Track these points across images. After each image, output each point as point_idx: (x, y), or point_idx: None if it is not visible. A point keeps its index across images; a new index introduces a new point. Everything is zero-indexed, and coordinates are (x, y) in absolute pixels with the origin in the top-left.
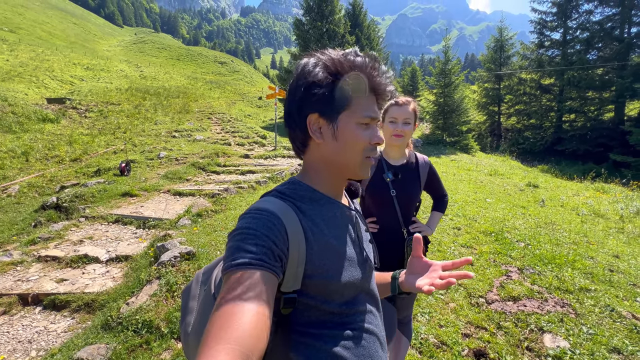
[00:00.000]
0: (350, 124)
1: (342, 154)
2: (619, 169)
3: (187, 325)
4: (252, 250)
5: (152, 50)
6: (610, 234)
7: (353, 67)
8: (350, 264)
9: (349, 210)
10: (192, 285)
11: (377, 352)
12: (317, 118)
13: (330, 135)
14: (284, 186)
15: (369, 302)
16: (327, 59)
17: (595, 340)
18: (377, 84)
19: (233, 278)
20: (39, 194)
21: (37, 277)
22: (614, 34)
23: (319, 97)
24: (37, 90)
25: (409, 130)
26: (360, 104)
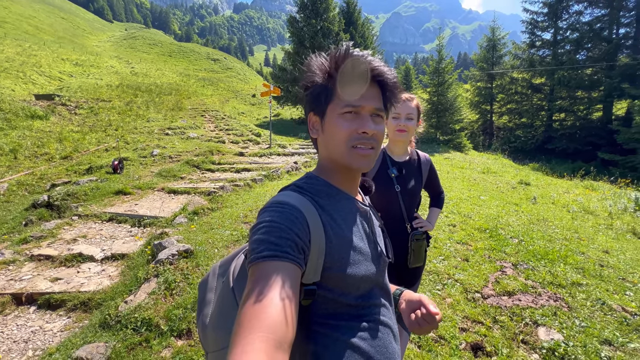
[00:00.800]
0: (333, 115)
1: (329, 146)
2: (607, 167)
3: (205, 317)
4: (276, 242)
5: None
6: (599, 230)
7: (327, 59)
8: (366, 259)
9: (364, 206)
10: (209, 278)
11: (392, 343)
12: (313, 116)
13: (320, 129)
14: (302, 181)
15: (383, 296)
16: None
17: (587, 332)
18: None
19: (260, 270)
20: (29, 192)
21: (31, 276)
22: (602, 34)
23: (310, 96)
24: (24, 86)
25: (412, 126)
26: (342, 94)
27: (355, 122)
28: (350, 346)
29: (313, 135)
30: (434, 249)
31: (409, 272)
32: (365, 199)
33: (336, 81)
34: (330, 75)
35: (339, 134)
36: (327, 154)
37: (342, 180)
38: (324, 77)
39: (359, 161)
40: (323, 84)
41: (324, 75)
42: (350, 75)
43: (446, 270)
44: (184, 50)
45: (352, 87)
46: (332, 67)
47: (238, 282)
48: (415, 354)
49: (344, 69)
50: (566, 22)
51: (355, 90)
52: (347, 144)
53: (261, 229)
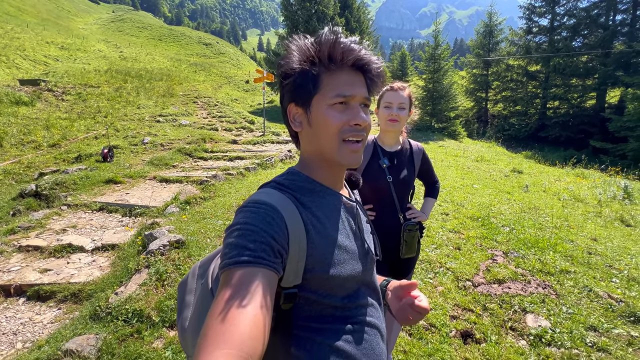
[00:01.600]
0: (321, 107)
1: (318, 140)
2: (598, 155)
3: (184, 320)
4: (250, 247)
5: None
6: (589, 218)
7: (314, 44)
8: (351, 257)
9: (350, 202)
10: (189, 279)
11: (378, 345)
12: (294, 107)
13: (306, 122)
14: (283, 177)
15: (370, 295)
16: (294, 47)
17: (574, 319)
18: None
19: (231, 277)
20: (15, 181)
21: (19, 267)
22: (599, 20)
23: (290, 86)
24: (7, 71)
25: (404, 116)
26: (331, 84)
27: (346, 114)
28: (334, 350)
29: (295, 128)
30: (426, 238)
31: (402, 263)
32: (353, 193)
33: (324, 69)
34: (316, 62)
35: (329, 126)
36: (314, 149)
37: (326, 176)
38: (309, 65)
39: (349, 157)
40: (308, 72)
41: (309, 62)
42: (341, 63)
43: (438, 259)
44: (174, 34)
45: (341, 76)
46: (321, 53)
47: (217, 283)
48: (406, 341)
49: (335, 56)
50: (564, 7)
51: (346, 79)
52: (338, 137)
53: (234, 232)
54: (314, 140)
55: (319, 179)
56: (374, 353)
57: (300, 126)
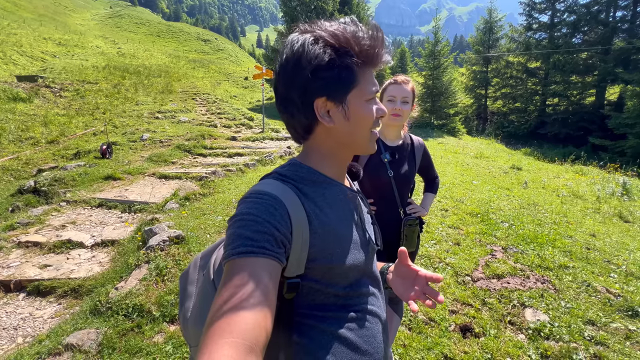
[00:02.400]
0: (360, 102)
1: (354, 134)
2: (597, 152)
3: (187, 311)
4: (253, 237)
5: (130, 26)
6: (587, 214)
7: (356, 41)
8: (354, 247)
9: (351, 192)
10: (190, 270)
11: (380, 333)
12: (325, 101)
13: (341, 117)
14: (285, 168)
15: (372, 284)
16: (328, 36)
17: (572, 313)
18: (380, 57)
19: (234, 267)
20: (14, 177)
21: (19, 263)
22: (599, 17)
23: (327, 80)
24: (5, 67)
25: (407, 110)
26: (365, 79)
27: (375, 107)
28: (337, 337)
29: (327, 123)
30: (426, 233)
31: None
32: (354, 184)
33: (361, 65)
34: (354, 56)
35: (368, 120)
36: (343, 142)
37: (330, 167)
38: (348, 58)
39: (374, 145)
40: (351, 66)
41: (346, 55)
42: (377, 62)
43: (438, 254)
44: (173, 30)
45: (371, 71)
46: (367, 51)
47: (218, 274)
48: (405, 335)
49: (377, 59)
50: (564, 4)
51: (372, 74)
52: (370, 129)
53: (237, 222)
54: (348, 135)
55: (322, 170)
56: (375, 341)
57: (332, 121)
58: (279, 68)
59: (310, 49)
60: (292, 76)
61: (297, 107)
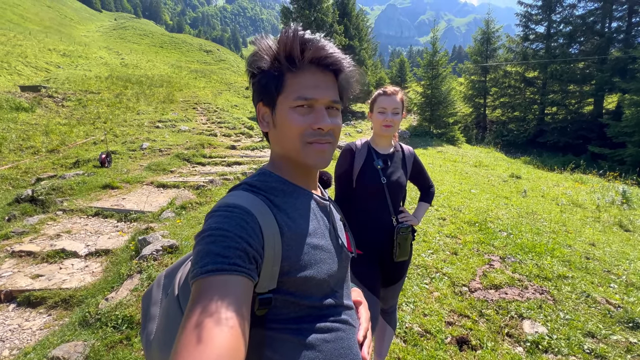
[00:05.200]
0: (284, 109)
1: (281, 141)
2: (596, 160)
3: (149, 334)
4: (223, 253)
5: (134, 37)
6: (587, 222)
7: (278, 45)
8: (328, 257)
9: (323, 200)
10: (153, 290)
11: (356, 344)
12: (262, 106)
13: (271, 123)
14: (254, 178)
15: (346, 293)
16: (259, 45)
17: (571, 325)
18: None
19: (203, 287)
20: (12, 186)
21: (11, 273)
22: (595, 28)
23: (256, 85)
24: (9, 77)
25: (398, 120)
26: (293, 85)
27: (310, 117)
28: (311, 350)
29: (263, 128)
30: (423, 243)
31: (395, 266)
32: (325, 192)
33: (285, 69)
34: (278, 61)
35: (291, 129)
36: (280, 149)
37: (298, 176)
38: (272, 63)
39: (315, 158)
40: (271, 72)
41: (272, 61)
42: (302, 62)
43: (434, 264)
44: (175, 41)
45: (305, 76)
46: (281, 52)
47: (184, 289)
48: (400, 348)
49: (294, 55)
50: (560, 15)
51: (308, 80)
52: (300, 140)
53: (206, 238)
54: (279, 141)
55: (291, 178)
56: (351, 352)
57: (268, 126)
58: None
59: (250, 59)
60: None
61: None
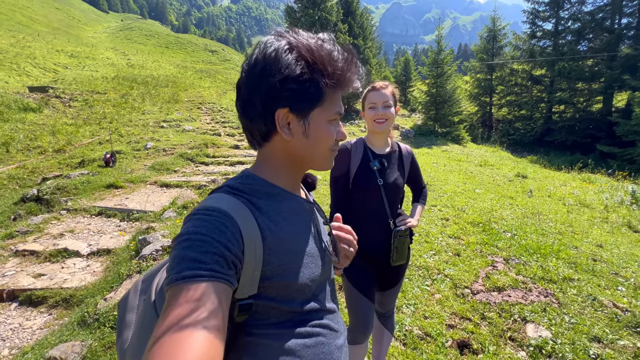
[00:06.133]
0: (322, 121)
1: (311, 151)
2: (605, 159)
3: (124, 342)
4: (200, 258)
5: (140, 38)
6: (595, 223)
7: (331, 61)
8: (311, 261)
9: (308, 204)
10: (130, 296)
11: (337, 349)
12: (287, 113)
13: (300, 132)
14: (237, 180)
15: (329, 298)
16: (303, 48)
17: (576, 329)
18: (351, 82)
19: (179, 294)
20: (19, 185)
21: (14, 272)
22: (604, 24)
23: (294, 92)
24: (18, 79)
25: (391, 114)
26: (331, 100)
27: (335, 129)
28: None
29: (285, 135)
30: (425, 244)
31: (391, 270)
32: (310, 195)
33: (331, 85)
34: (325, 74)
35: (326, 141)
36: (298, 157)
37: (287, 179)
38: (319, 75)
39: (331, 163)
40: (319, 84)
41: (317, 71)
42: (347, 86)
43: (436, 265)
44: (181, 41)
45: (337, 93)
46: (337, 72)
47: (161, 295)
48: (399, 351)
49: (347, 82)
50: (568, 12)
51: (339, 96)
52: (329, 150)
53: (183, 242)
54: (305, 150)
55: (276, 182)
56: (331, 357)
57: (291, 134)
58: (246, 69)
59: (283, 57)
60: (258, 81)
61: (257, 113)
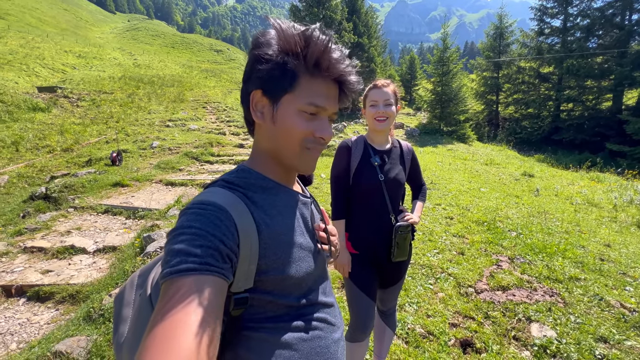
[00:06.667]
0: (290, 109)
1: (278, 140)
2: (614, 158)
3: (120, 337)
4: (195, 252)
5: (146, 38)
6: (603, 223)
7: (306, 43)
8: (306, 255)
9: (304, 198)
10: (126, 290)
11: (334, 343)
12: (261, 96)
13: (270, 117)
14: (232, 175)
15: (324, 292)
16: (283, 32)
17: (582, 329)
18: (329, 67)
19: (173, 287)
20: (28, 184)
21: (22, 268)
22: (614, 21)
23: (264, 72)
24: (27, 79)
25: (392, 112)
26: (308, 88)
27: (313, 124)
28: (287, 349)
29: (256, 119)
30: (429, 242)
31: (392, 267)
32: (306, 190)
33: (306, 71)
34: (301, 59)
35: (294, 132)
36: (271, 146)
37: (280, 173)
38: (291, 58)
39: (308, 164)
40: (289, 68)
41: (291, 54)
42: (327, 71)
43: (440, 264)
44: (186, 41)
45: (318, 83)
46: (308, 54)
47: (156, 289)
48: (401, 350)
49: (322, 65)
50: (577, 8)
51: (321, 88)
52: (300, 145)
53: (177, 236)
54: (273, 139)
55: (272, 176)
56: (328, 351)
57: (262, 118)
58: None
59: (261, 39)
60: (246, 66)
61: (243, 96)
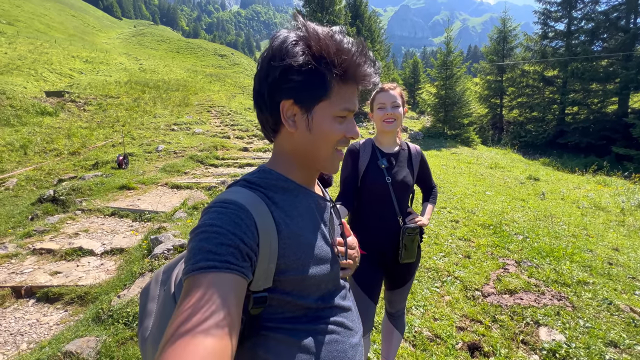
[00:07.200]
0: (326, 116)
1: (314, 146)
2: (621, 161)
3: (145, 330)
4: (215, 250)
5: (152, 43)
6: (610, 226)
7: (339, 51)
8: (325, 258)
9: (324, 201)
10: (151, 286)
11: (351, 348)
12: (292, 105)
13: (304, 125)
14: (254, 175)
15: (343, 295)
16: (310, 38)
17: (591, 333)
18: (363, 74)
19: (194, 284)
20: (36, 187)
21: (31, 269)
22: (619, 24)
23: (297, 83)
24: (35, 84)
25: (399, 114)
26: (340, 94)
27: (344, 126)
28: (306, 351)
29: (289, 127)
30: (434, 245)
31: (400, 269)
32: (326, 192)
33: (339, 79)
34: (337, 67)
35: (331, 137)
36: (303, 151)
37: (302, 175)
38: (324, 67)
39: (335, 165)
40: (324, 76)
41: (324, 62)
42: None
43: (446, 267)
44: (191, 46)
45: (348, 88)
46: (344, 64)
47: (179, 287)
48: (409, 352)
49: (357, 75)
50: (581, 11)
51: (350, 92)
52: (333, 147)
53: (199, 235)
54: (308, 145)
55: (292, 176)
56: (345, 356)
57: (295, 127)
58: (259, 61)
59: (289, 47)
60: (266, 71)
61: (265, 103)
